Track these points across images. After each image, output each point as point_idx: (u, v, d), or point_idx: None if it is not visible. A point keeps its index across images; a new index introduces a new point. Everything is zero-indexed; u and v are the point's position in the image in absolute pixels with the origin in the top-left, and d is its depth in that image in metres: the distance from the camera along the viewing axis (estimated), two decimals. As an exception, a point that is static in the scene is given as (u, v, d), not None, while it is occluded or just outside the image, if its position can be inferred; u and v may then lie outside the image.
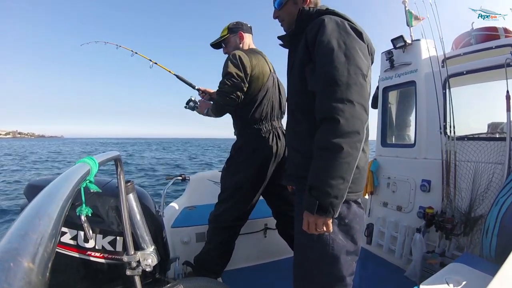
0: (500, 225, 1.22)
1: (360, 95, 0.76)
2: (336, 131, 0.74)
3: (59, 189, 0.36)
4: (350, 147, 0.74)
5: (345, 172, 0.75)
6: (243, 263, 2.03)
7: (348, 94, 0.75)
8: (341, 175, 0.75)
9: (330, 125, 0.75)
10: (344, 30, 0.84)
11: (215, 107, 1.59)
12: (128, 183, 0.96)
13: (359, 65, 0.79)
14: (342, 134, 0.74)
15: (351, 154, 0.75)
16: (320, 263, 0.89)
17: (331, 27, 0.84)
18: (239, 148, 1.61)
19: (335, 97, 0.75)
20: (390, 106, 2.40)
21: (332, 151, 0.74)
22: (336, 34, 0.82)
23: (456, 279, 0.96)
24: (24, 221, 0.25)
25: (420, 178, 1.97)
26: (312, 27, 0.88)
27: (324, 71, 0.80)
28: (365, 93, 0.78)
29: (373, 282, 1.86)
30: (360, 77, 0.78)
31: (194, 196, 2.50)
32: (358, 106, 0.75)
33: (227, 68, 1.50)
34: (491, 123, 2.06)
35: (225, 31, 1.68)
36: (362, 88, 0.77)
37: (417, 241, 1.76)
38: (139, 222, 1.00)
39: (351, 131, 0.74)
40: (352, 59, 0.79)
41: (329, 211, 0.77)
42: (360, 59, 0.81)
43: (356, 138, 0.75)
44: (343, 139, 0.73)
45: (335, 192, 0.76)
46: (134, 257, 0.95)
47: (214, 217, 1.64)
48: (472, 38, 2.04)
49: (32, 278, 0.19)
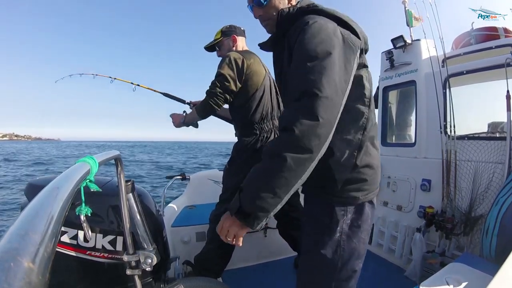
0: (500, 225, 1.22)
1: (330, 112, 0.68)
2: (286, 143, 0.67)
3: (59, 188, 0.36)
4: (295, 163, 0.66)
5: (279, 187, 0.67)
6: (243, 263, 2.03)
7: (315, 108, 0.66)
8: (273, 189, 0.67)
9: (285, 136, 0.68)
10: (326, 35, 0.74)
11: (202, 108, 1.58)
12: (128, 183, 0.96)
13: (334, 78, 0.70)
14: (292, 148, 0.66)
15: (293, 170, 0.66)
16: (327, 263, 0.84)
17: (310, 33, 0.74)
18: (241, 148, 1.60)
19: (298, 110, 0.68)
20: (390, 105, 2.40)
21: (274, 160, 0.67)
22: (314, 42, 0.72)
23: (456, 279, 0.96)
24: (24, 221, 0.25)
25: (420, 178, 1.97)
26: (294, 30, 0.79)
27: (294, 80, 0.73)
28: (335, 110, 0.69)
29: (373, 282, 1.86)
30: (333, 90, 0.69)
31: (194, 196, 2.50)
32: (323, 123, 0.66)
33: (220, 69, 1.51)
34: (491, 123, 2.06)
35: (219, 35, 1.69)
36: (332, 103, 0.68)
37: (417, 240, 1.76)
38: (139, 222, 1.00)
39: (303, 147, 0.66)
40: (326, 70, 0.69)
41: (249, 222, 0.70)
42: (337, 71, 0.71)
43: (306, 155, 0.66)
44: (290, 153, 0.66)
45: (262, 203, 0.67)
46: (134, 256, 0.95)
47: (216, 216, 1.64)
48: (472, 38, 2.04)
49: (32, 278, 0.19)
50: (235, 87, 1.53)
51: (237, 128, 1.68)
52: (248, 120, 1.59)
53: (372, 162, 0.81)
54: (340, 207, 0.81)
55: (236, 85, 1.53)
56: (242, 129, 1.64)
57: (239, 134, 1.66)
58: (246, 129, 1.61)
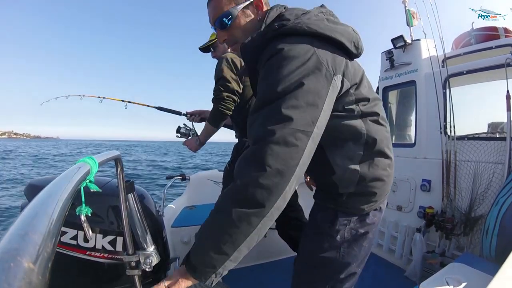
0: (500, 225, 1.22)
1: (277, 158, 0.57)
2: (232, 195, 0.60)
3: (59, 188, 0.36)
4: (238, 218, 0.57)
5: (224, 243, 0.59)
6: (243, 263, 2.03)
7: (264, 157, 0.57)
8: (218, 245, 0.59)
9: (232, 186, 0.61)
10: (292, 71, 0.62)
11: (213, 117, 1.55)
12: (128, 183, 0.96)
13: (296, 118, 0.59)
14: (237, 201, 0.58)
15: (237, 227, 0.57)
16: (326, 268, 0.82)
17: (277, 64, 0.64)
18: (242, 149, 1.60)
19: (251, 154, 0.60)
20: (390, 105, 2.41)
21: (218, 214, 0.62)
22: (279, 76, 0.63)
23: (456, 279, 0.96)
24: (24, 221, 0.25)
25: (420, 178, 1.97)
26: (263, 57, 0.70)
27: (254, 120, 0.64)
28: (293, 154, 0.58)
29: (373, 282, 1.86)
30: (290, 134, 0.58)
31: (194, 196, 2.50)
32: (272, 174, 0.57)
33: (221, 72, 1.49)
34: (491, 123, 2.06)
35: (214, 36, 1.69)
36: (286, 149, 0.58)
37: (417, 241, 1.76)
38: (139, 222, 0.99)
39: (250, 200, 0.57)
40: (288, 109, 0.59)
41: (196, 276, 0.63)
42: (308, 105, 0.61)
43: (252, 210, 0.57)
44: (235, 207, 0.58)
45: (207, 259, 0.60)
46: (134, 257, 0.95)
47: None
48: (472, 38, 2.04)
49: (32, 278, 0.19)
50: (239, 87, 1.51)
51: (237, 129, 1.68)
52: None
53: (381, 174, 0.77)
54: (344, 217, 0.80)
55: (239, 85, 1.51)
56: (243, 131, 1.63)
57: (239, 135, 1.66)
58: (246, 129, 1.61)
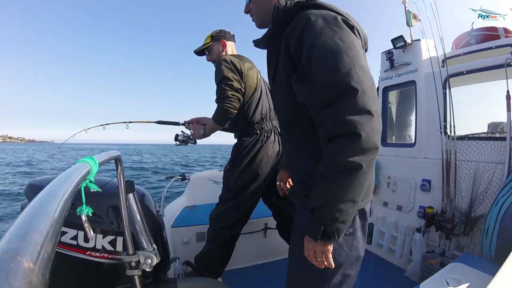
0: (500, 225, 1.22)
1: (374, 103, 0.63)
2: (355, 149, 0.62)
3: (59, 188, 0.36)
4: (367, 166, 0.62)
5: (357, 194, 0.64)
6: (243, 263, 2.03)
7: (364, 103, 0.62)
8: (352, 198, 0.64)
9: (347, 142, 0.63)
10: (336, 26, 0.69)
11: (218, 115, 1.55)
12: (128, 183, 0.96)
13: (365, 66, 0.66)
14: (362, 151, 0.62)
15: (368, 174, 0.63)
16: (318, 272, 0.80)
17: (320, 25, 0.69)
18: (242, 149, 1.61)
19: (349, 109, 0.62)
20: (390, 105, 2.41)
21: (348, 172, 0.63)
22: (329, 33, 0.68)
23: (456, 279, 0.96)
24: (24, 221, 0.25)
25: (420, 178, 1.97)
26: (294, 28, 0.73)
27: (327, 79, 0.66)
28: (377, 99, 0.66)
29: (373, 282, 1.86)
30: (370, 80, 0.65)
31: (194, 196, 2.50)
32: (377, 116, 0.63)
33: (222, 73, 1.50)
34: (491, 123, 2.06)
35: (208, 39, 1.70)
36: (374, 93, 0.65)
37: (417, 241, 1.76)
38: (139, 222, 1.00)
39: (372, 147, 0.62)
40: (356, 60, 0.65)
41: (334, 237, 0.67)
42: (364, 58, 0.68)
43: (375, 154, 0.64)
44: (362, 157, 0.62)
45: (344, 217, 0.65)
46: (134, 257, 0.95)
47: (217, 216, 1.64)
48: (472, 38, 2.04)
49: (32, 278, 0.19)
50: (241, 85, 1.53)
51: (237, 130, 1.69)
52: (249, 121, 1.59)
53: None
54: None
55: (241, 84, 1.53)
56: (243, 130, 1.64)
57: (239, 135, 1.66)
58: (247, 129, 1.62)
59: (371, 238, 2.26)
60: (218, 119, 1.56)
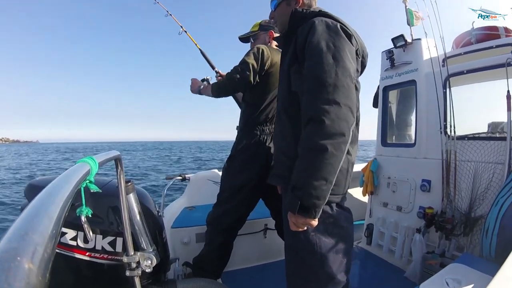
0: (500, 225, 1.22)
1: (346, 97, 0.77)
2: (321, 132, 0.75)
3: (59, 189, 0.36)
4: (334, 148, 0.74)
5: (328, 173, 0.76)
6: (243, 264, 2.03)
7: (334, 95, 0.76)
8: (324, 176, 0.75)
9: (315, 126, 0.76)
10: (334, 32, 0.85)
11: (217, 86, 1.58)
12: (128, 183, 0.96)
13: (347, 67, 0.80)
14: (327, 135, 0.74)
15: (335, 156, 0.75)
16: (309, 262, 0.91)
17: (321, 29, 0.85)
18: (241, 149, 1.60)
19: (321, 98, 0.77)
20: (390, 105, 2.40)
21: (316, 152, 0.75)
22: (325, 36, 0.84)
23: (456, 279, 0.96)
24: (24, 221, 0.25)
25: (420, 178, 1.97)
26: (303, 28, 0.89)
27: (312, 72, 0.81)
28: (352, 95, 0.79)
29: (373, 282, 1.86)
30: (348, 79, 0.79)
31: (194, 196, 2.49)
32: (345, 108, 0.76)
33: (246, 57, 1.50)
34: (491, 123, 2.06)
35: (256, 27, 1.68)
36: (349, 90, 0.78)
37: (417, 241, 1.76)
38: (139, 223, 0.99)
39: (336, 132, 0.75)
40: (340, 61, 0.79)
41: (311, 212, 0.78)
42: (349, 61, 0.82)
43: (340, 139, 0.75)
44: (328, 140, 0.74)
45: (318, 193, 0.76)
46: (134, 257, 0.95)
47: (213, 219, 1.64)
48: (473, 37, 2.04)
49: (32, 279, 0.19)
50: (253, 80, 1.51)
51: (241, 121, 1.67)
52: (253, 119, 1.58)
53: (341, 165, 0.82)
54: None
55: (255, 78, 1.51)
56: (245, 126, 1.63)
57: (240, 129, 1.65)
58: (248, 127, 1.60)
59: (371, 238, 2.25)
60: (215, 90, 1.59)
